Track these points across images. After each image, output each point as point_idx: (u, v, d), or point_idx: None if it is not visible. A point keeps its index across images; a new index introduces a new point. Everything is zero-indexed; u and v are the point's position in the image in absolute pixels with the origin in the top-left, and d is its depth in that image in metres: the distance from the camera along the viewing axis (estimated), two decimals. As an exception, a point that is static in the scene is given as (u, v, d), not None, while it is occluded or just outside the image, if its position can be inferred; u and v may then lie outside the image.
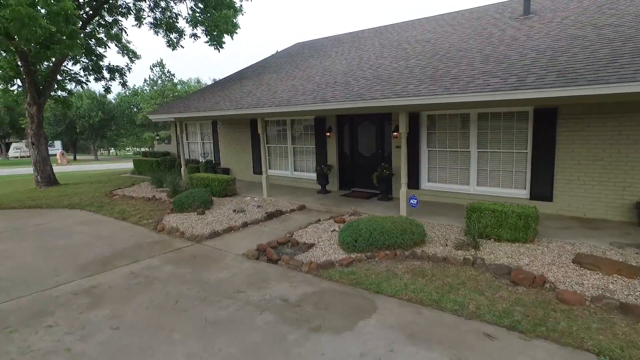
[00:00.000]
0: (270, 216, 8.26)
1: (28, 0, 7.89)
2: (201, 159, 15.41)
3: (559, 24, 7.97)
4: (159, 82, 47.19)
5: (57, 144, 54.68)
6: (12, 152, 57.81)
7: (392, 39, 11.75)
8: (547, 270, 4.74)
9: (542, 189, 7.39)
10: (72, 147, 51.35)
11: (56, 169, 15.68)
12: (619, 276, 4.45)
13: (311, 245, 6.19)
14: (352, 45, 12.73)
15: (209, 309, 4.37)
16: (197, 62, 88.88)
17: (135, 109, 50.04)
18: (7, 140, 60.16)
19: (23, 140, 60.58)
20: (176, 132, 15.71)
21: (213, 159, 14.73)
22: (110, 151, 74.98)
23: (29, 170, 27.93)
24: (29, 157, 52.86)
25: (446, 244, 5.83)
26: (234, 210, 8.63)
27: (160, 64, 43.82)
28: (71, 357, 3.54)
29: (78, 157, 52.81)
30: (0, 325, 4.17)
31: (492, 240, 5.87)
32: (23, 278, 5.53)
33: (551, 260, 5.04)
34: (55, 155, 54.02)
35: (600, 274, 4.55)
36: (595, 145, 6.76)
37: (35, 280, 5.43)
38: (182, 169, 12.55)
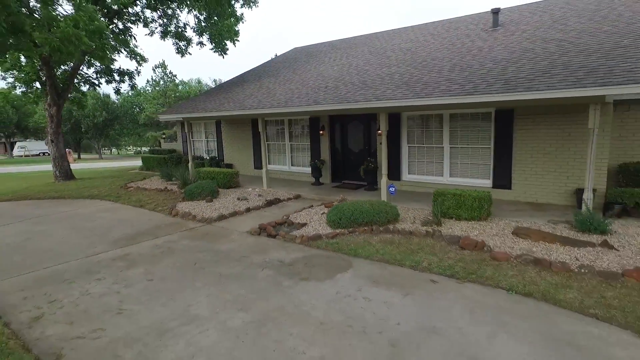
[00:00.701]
0: (269, 203, 9.44)
1: (73, 23, 9.19)
2: (206, 156, 16.57)
3: (518, 37, 9.16)
4: (161, 82, 48.26)
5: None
6: (16, 151, 58.62)
7: (379, 46, 12.92)
8: (489, 239, 5.92)
9: (502, 179, 8.58)
10: (77, 146, 52.41)
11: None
12: (544, 242, 5.63)
13: (304, 224, 7.36)
14: (344, 51, 13.90)
15: (221, 267, 5.54)
16: (196, 60, 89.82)
17: (137, 109, 51.07)
18: (11, 140, 61.02)
19: (27, 140, 61.65)
20: (183, 131, 16.89)
21: (217, 155, 15.91)
22: (112, 150, 76.10)
23: (38, 167, 29.07)
24: (34, 155, 53.49)
25: (414, 222, 7.01)
26: (238, 199, 9.80)
27: (163, 65, 44.87)
28: (121, 297, 4.71)
29: (82, 155, 53.91)
30: (60, 279, 5.35)
31: (453, 219, 7.06)
32: (67, 249, 6.70)
33: (496, 232, 6.22)
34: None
35: (529, 240, 5.74)
36: (544, 141, 7.95)
37: (77, 250, 6.60)
38: (190, 164, 13.71)
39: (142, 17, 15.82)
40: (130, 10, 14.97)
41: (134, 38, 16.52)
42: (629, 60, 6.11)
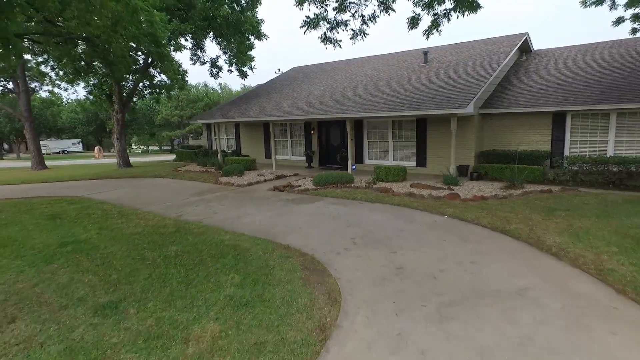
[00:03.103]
0: (277, 177, 14.48)
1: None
2: (226, 149, 21.60)
3: (433, 72, 14.23)
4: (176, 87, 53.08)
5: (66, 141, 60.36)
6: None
7: (352, 72, 17.97)
8: (396, 188, 10.98)
9: (421, 161, 13.67)
10: (99, 145, 57.33)
11: (97, 161, 21.83)
12: (422, 188, 10.70)
13: (299, 186, 12.42)
14: (328, 74, 18.95)
15: (256, 202, 10.60)
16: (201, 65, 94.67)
17: (154, 111, 55.93)
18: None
19: (49, 139, 66.43)
20: (209, 131, 21.95)
21: (236, 148, 20.96)
22: (131, 148, 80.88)
23: (80, 162, 33.94)
24: (55, 153, 58.13)
25: (361, 183, 12.08)
26: (258, 175, 14.85)
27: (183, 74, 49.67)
28: (212, 210, 9.74)
29: (104, 153, 58.87)
30: (176, 206, 10.37)
31: (384, 181, 12.13)
32: (167, 197, 11.73)
33: (402, 186, 11.29)
34: (79, 151, 59.99)
35: (415, 188, 10.81)
36: (441, 138, 13.02)
37: (173, 198, 11.63)
38: (219, 155, 18.76)
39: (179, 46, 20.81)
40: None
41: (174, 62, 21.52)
42: (467, 93, 11.18)
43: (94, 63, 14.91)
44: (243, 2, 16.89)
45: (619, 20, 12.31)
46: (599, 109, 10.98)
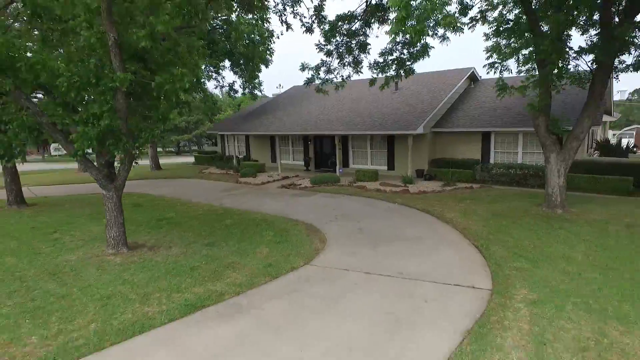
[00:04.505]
0: (283, 178, 18.74)
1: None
2: (238, 155, 25.81)
3: (400, 99, 18.55)
4: (183, 95, 56.98)
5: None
6: (53, 152, 66.84)
7: (341, 94, 22.22)
8: (370, 185, 15.28)
9: (391, 165, 18.02)
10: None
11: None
12: (387, 186, 15.03)
13: (300, 184, 16.69)
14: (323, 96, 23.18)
15: (269, 195, 14.86)
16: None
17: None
18: (48, 142, 69.25)
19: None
20: (226, 139, 26.15)
21: (247, 154, 25.19)
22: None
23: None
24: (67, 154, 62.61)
25: (346, 182, 16.39)
26: (267, 176, 19.11)
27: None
28: (240, 202, 13.99)
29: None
30: (215, 197, 14.61)
31: (362, 181, 16.43)
32: (204, 193, 15.93)
33: (375, 184, 15.60)
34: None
35: (383, 186, 15.14)
36: (402, 149, 17.35)
37: (209, 194, 15.85)
38: (234, 159, 22.98)
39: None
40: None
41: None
42: (419, 118, 15.51)
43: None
44: (257, 39, 21.00)
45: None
46: (512, 130, 15.37)
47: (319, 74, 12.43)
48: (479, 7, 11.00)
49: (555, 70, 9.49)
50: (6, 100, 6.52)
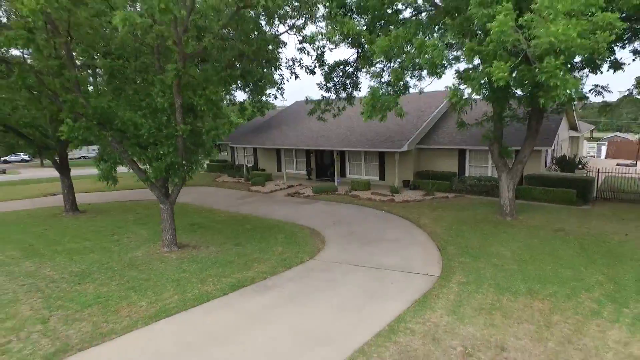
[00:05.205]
0: (288, 187, 21.42)
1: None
2: (246, 164, 28.51)
3: (391, 119, 21.23)
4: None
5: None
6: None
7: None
8: (363, 194, 17.98)
9: (381, 176, 20.72)
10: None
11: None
12: (376, 195, 17.72)
13: (303, 193, 19.38)
14: (323, 111, 25.90)
15: (278, 203, 17.55)
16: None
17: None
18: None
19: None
20: (236, 149, 28.86)
21: (254, 164, 27.90)
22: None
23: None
24: (77, 159, 63.55)
25: (343, 191, 19.09)
26: (275, 185, 21.81)
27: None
28: (253, 207, 16.67)
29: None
30: (234, 204, 17.30)
31: (357, 190, 19.13)
32: (223, 201, 18.62)
33: (367, 193, 18.28)
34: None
35: (374, 195, 17.84)
36: (390, 162, 20.05)
37: (226, 202, 18.54)
38: (244, 168, 25.68)
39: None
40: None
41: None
42: (404, 138, 18.20)
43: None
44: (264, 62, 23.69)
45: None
46: (483, 148, 18.06)
47: (320, 106, 15.14)
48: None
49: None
50: (104, 143, 9.20)
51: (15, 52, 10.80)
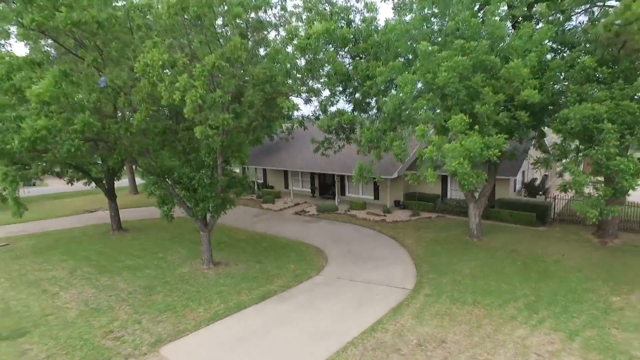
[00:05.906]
0: (295, 205, 24.45)
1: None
2: (257, 181, 31.57)
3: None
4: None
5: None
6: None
7: (340, 135, 27.96)
8: (359, 214, 20.97)
9: (376, 196, 23.73)
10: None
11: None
12: (371, 214, 20.73)
13: (308, 212, 22.41)
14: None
15: (287, 221, 20.58)
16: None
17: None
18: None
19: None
20: (246, 167, 31.98)
21: (264, 181, 30.97)
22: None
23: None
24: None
25: (342, 210, 22.11)
26: (283, 203, 24.84)
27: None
28: (267, 225, 19.70)
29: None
30: (249, 222, 20.35)
31: (355, 209, 22.13)
32: (238, 219, 21.67)
33: (362, 213, 21.28)
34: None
35: (369, 214, 20.85)
36: (385, 185, 23.06)
37: (242, 220, 21.57)
38: (255, 185, 28.74)
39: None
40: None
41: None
42: (393, 167, 21.23)
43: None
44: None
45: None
46: (462, 174, 21.03)
47: (323, 145, 18.25)
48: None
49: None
50: (165, 189, 12.29)
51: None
